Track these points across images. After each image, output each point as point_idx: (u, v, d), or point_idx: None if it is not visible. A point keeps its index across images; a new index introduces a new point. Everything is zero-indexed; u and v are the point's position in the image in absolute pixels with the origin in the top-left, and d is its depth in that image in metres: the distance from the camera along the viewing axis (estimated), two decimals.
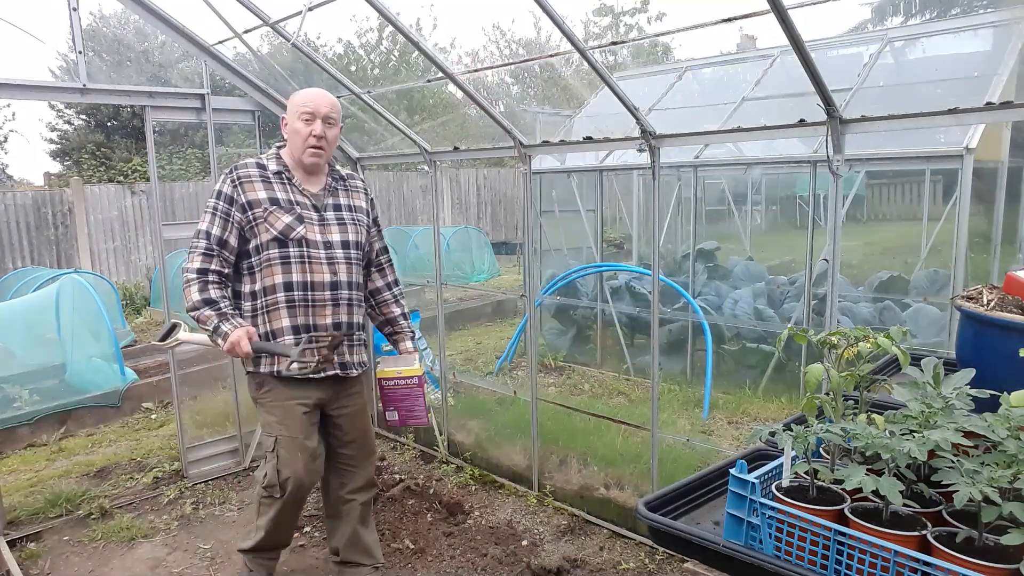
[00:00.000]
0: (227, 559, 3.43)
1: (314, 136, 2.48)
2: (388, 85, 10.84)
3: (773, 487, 1.34)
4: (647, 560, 3.24)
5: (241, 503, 4.00)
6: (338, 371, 2.59)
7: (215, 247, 2.47)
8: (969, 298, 1.67)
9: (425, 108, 14.10)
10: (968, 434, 1.23)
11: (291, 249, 2.46)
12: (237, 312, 2.51)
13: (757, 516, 1.27)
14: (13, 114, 15.83)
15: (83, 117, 16.02)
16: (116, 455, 4.74)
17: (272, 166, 2.55)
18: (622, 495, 3.60)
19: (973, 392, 1.37)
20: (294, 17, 3.65)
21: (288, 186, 2.53)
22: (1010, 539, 1.07)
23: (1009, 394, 1.34)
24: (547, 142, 3.90)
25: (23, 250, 10.11)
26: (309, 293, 2.49)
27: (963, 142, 4.66)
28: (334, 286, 2.52)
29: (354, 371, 2.67)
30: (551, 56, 5.27)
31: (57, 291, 5.83)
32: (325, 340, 2.48)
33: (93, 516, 3.79)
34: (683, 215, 7.55)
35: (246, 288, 2.54)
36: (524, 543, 3.45)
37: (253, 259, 2.50)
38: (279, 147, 2.63)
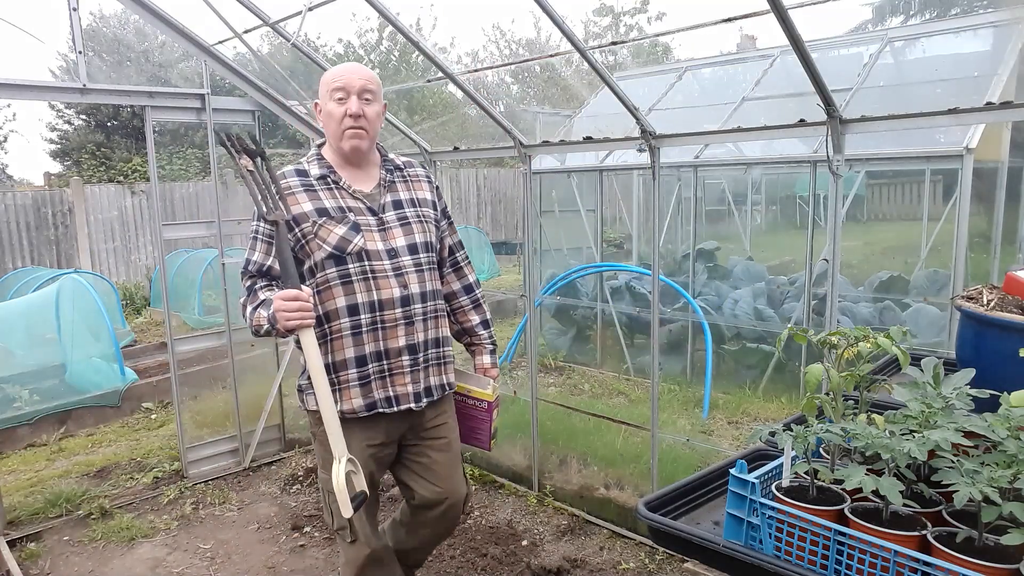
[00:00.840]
0: (227, 559, 3.43)
1: (350, 116, 2.09)
2: (388, 85, 10.82)
3: (773, 487, 1.34)
4: (647, 560, 3.24)
5: (241, 503, 4.00)
6: (412, 405, 2.15)
7: (257, 277, 2.13)
8: (969, 298, 1.66)
9: (425, 108, 14.10)
10: (968, 434, 1.23)
11: (351, 265, 2.07)
12: (274, 286, 2.13)
13: (757, 516, 1.27)
14: (14, 114, 15.86)
15: (83, 117, 16.03)
16: (116, 455, 4.74)
17: (315, 170, 2.15)
18: (622, 495, 3.61)
19: (973, 392, 1.37)
20: (294, 17, 3.66)
21: (336, 191, 2.13)
22: (1010, 539, 1.07)
23: (1009, 394, 1.34)
24: (547, 142, 3.91)
25: (23, 250, 10.11)
26: (378, 314, 2.08)
27: (963, 142, 4.66)
28: (405, 301, 2.11)
29: (432, 397, 2.21)
30: (551, 56, 5.27)
31: (57, 291, 5.84)
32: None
33: (93, 516, 3.79)
34: (683, 215, 7.56)
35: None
36: (524, 543, 3.46)
37: (309, 282, 2.11)
38: (320, 145, 2.24)
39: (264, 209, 1.99)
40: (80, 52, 3.52)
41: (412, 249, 2.16)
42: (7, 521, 3.67)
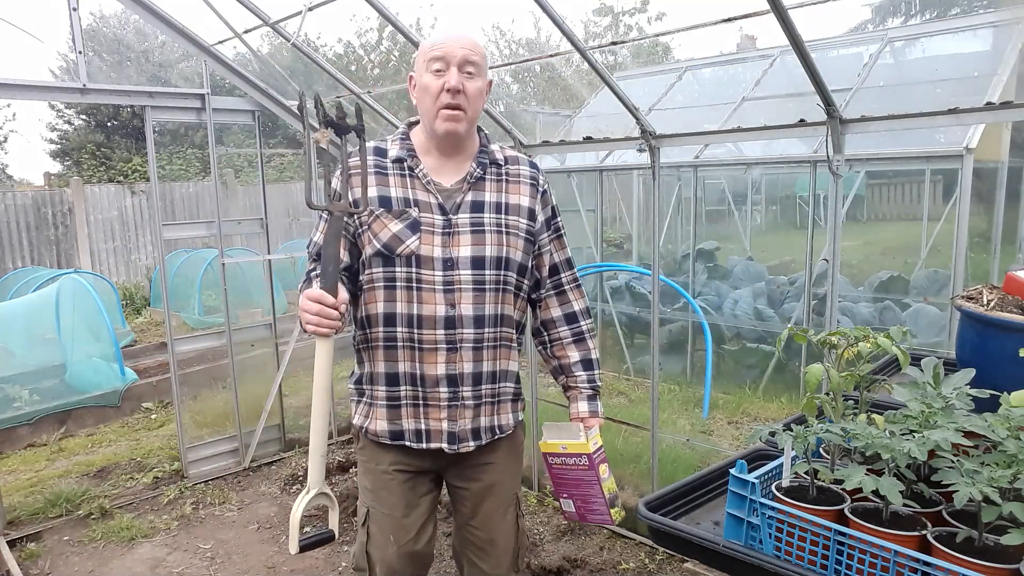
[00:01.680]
0: (227, 559, 3.43)
1: (447, 91, 1.72)
2: (388, 85, 10.84)
3: (773, 487, 1.34)
4: (647, 560, 3.24)
5: (241, 503, 4.00)
6: (444, 445, 1.80)
7: (317, 261, 1.84)
8: (969, 298, 1.66)
9: None
10: (968, 434, 1.23)
11: (398, 269, 1.75)
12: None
13: (757, 516, 1.27)
14: (13, 114, 15.87)
15: (83, 117, 16.04)
16: (116, 455, 4.74)
17: (394, 151, 1.81)
18: (622, 495, 3.59)
19: (973, 392, 1.37)
20: (294, 17, 3.66)
21: (409, 179, 1.79)
22: (1010, 539, 1.07)
23: (1009, 394, 1.34)
24: (547, 142, 3.91)
25: (23, 250, 10.11)
26: (415, 331, 1.76)
27: (963, 142, 4.66)
28: (450, 323, 1.75)
29: (479, 440, 1.84)
30: (551, 56, 5.27)
31: (57, 291, 5.84)
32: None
33: (93, 516, 3.79)
34: (683, 215, 7.56)
35: (358, 313, 1.88)
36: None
37: (362, 277, 1.82)
38: (411, 124, 1.90)
39: (312, 195, 1.70)
40: (80, 52, 3.52)
41: (477, 263, 1.76)
42: (7, 521, 3.67)
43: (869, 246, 8.55)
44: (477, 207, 1.80)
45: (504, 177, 1.86)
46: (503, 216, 1.82)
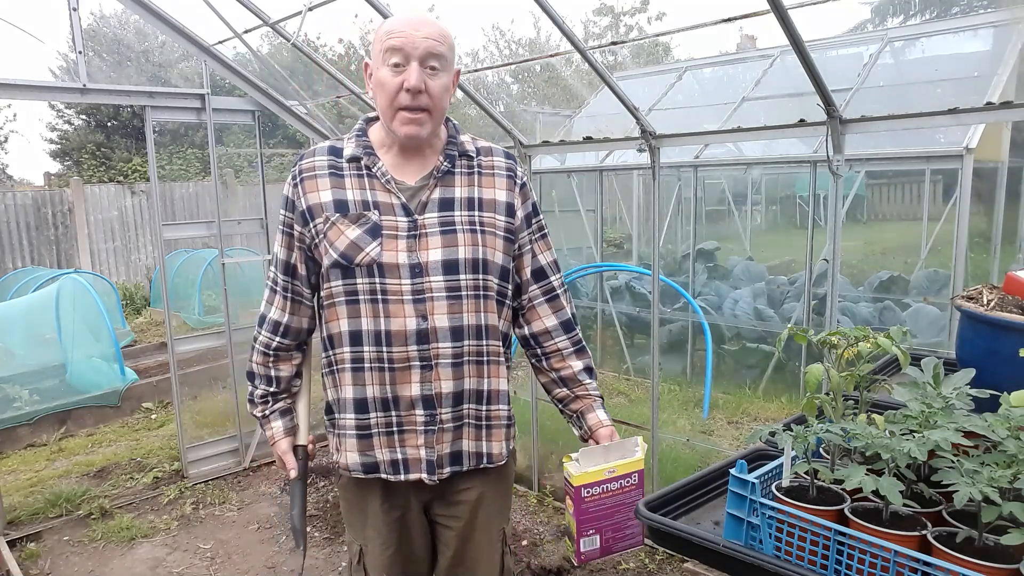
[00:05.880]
0: (227, 559, 3.43)
1: (407, 91, 1.50)
2: None
3: (773, 487, 1.34)
4: (647, 560, 3.24)
5: (241, 503, 4.00)
6: (423, 475, 1.61)
7: (283, 278, 1.68)
8: (969, 298, 1.66)
9: None
10: (968, 434, 1.23)
11: (359, 280, 1.55)
12: (287, 397, 1.78)
13: (757, 516, 1.27)
14: (14, 114, 15.92)
15: (83, 117, 16.05)
16: (116, 455, 4.75)
17: (349, 149, 1.61)
18: None
19: (973, 392, 1.37)
20: (294, 17, 3.66)
21: (367, 179, 1.59)
22: (1010, 539, 1.06)
23: (1009, 394, 1.34)
24: (547, 142, 3.91)
25: (23, 250, 10.12)
26: (385, 349, 1.56)
27: (963, 142, 4.66)
28: (423, 337, 1.55)
29: (459, 466, 1.66)
30: (551, 56, 5.28)
31: (57, 291, 5.84)
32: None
33: (93, 516, 3.79)
34: (683, 215, 7.56)
35: (320, 334, 1.71)
36: (524, 543, 3.46)
37: (321, 293, 1.66)
38: (370, 119, 1.68)
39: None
40: (80, 52, 3.52)
41: (450, 267, 1.55)
42: (7, 521, 3.67)
43: (869, 246, 8.54)
44: (446, 204, 1.59)
45: (477, 169, 1.65)
46: (477, 213, 1.61)
